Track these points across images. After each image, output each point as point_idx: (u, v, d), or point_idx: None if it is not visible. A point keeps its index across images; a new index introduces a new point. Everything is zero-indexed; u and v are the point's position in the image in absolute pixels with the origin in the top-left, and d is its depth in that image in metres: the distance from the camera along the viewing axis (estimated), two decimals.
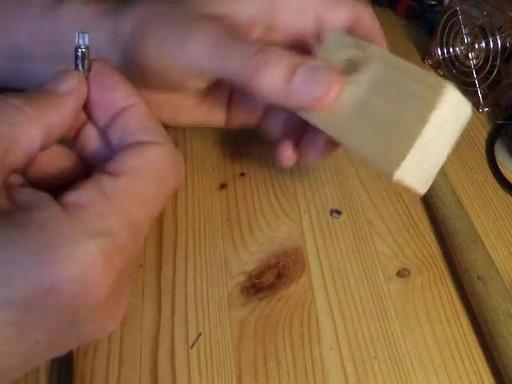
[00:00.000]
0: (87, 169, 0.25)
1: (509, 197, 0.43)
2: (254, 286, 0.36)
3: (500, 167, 0.45)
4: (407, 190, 0.25)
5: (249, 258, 0.37)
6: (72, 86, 0.23)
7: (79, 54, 0.24)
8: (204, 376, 0.31)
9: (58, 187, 0.24)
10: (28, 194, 0.20)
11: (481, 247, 0.36)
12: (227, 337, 0.33)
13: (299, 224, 0.40)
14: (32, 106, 0.21)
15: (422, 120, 0.23)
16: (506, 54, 0.48)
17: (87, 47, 0.24)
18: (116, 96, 0.24)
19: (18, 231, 0.18)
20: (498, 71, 0.49)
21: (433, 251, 0.39)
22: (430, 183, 0.26)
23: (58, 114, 0.22)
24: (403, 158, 0.23)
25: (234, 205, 0.41)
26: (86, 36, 0.24)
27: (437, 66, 0.56)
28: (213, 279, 0.36)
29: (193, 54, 0.29)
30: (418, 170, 0.24)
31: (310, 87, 0.27)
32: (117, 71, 0.25)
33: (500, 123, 0.49)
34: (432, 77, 0.23)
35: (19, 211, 0.19)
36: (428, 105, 0.23)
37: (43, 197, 0.20)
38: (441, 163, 0.25)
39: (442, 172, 0.42)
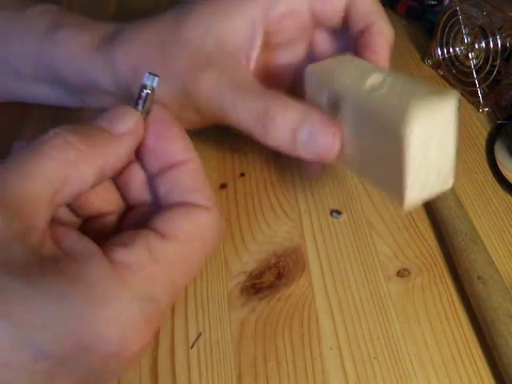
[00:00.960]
0: (125, 204, 0.25)
1: (509, 197, 0.43)
2: (253, 286, 0.36)
3: (500, 167, 0.45)
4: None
5: (249, 258, 0.37)
6: (130, 126, 0.22)
7: (143, 94, 0.23)
8: (204, 376, 0.31)
9: (92, 214, 0.24)
10: (74, 241, 0.20)
11: (481, 247, 0.36)
12: (227, 337, 0.33)
13: (299, 224, 0.40)
14: (87, 144, 0.20)
15: (400, 153, 0.22)
16: (506, 54, 0.48)
17: (153, 89, 0.23)
18: (172, 148, 0.23)
19: (68, 286, 0.18)
20: (498, 71, 0.49)
21: (433, 251, 0.39)
22: (451, 176, 0.25)
23: (113, 155, 0.22)
24: (403, 191, 0.23)
25: (233, 205, 0.41)
26: (156, 79, 0.23)
27: (437, 66, 0.56)
28: (213, 279, 0.36)
29: (197, 103, 0.31)
30: (426, 184, 0.24)
31: (313, 148, 0.28)
32: (177, 122, 0.24)
33: (500, 123, 0.49)
34: (399, 106, 0.22)
35: (69, 262, 0.18)
36: (400, 139, 0.22)
37: (92, 251, 0.19)
38: (452, 157, 0.24)
39: None
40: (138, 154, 0.24)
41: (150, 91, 0.23)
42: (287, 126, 0.28)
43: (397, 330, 0.34)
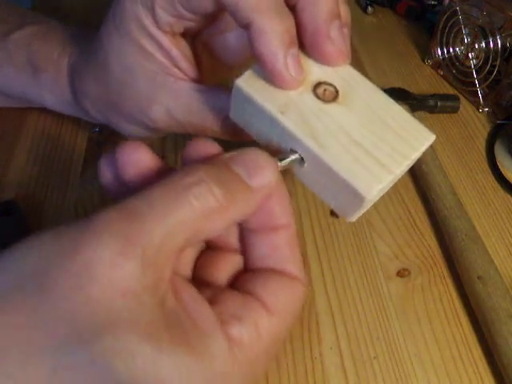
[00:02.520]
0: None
1: (509, 197, 0.43)
2: None
3: (500, 167, 0.45)
4: (407, 189, 0.25)
5: None
6: (267, 182, 0.21)
7: (292, 158, 0.22)
8: None
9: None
10: (192, 298, 0.19)
11: (481, 247, 0.36)
12: None
13: (299, 224, 0.40)
14: (228, 198, 0.19)
15: (357, 203, 0.22)
16: (506, 54, 0.48)
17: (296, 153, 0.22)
18: (279, 210, 0.22)
19: (195, 361, 0.17)
20: (498, 71, 0.49)
21: (433, 251, 0.39)
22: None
23: (245, 210, 0.20)
24: (354, 214, 0.23)
25: None
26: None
27: (437, 66, 0.56)
28: None
29: (163, 132, 0.34)
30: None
31: None
32: (285, 185, 0.23)
33: (500, 123, 0.49)
34: (348, 181, 0.21)
35: (193, 329, 0.18)
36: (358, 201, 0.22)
37: (213, 321, 0.19)
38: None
39: (442, 172, 0.42)
40: None
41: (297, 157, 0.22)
42: None
43: (397, 330, 0.34)
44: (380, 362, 0.32)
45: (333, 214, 0.41)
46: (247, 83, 0.23)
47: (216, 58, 0.34)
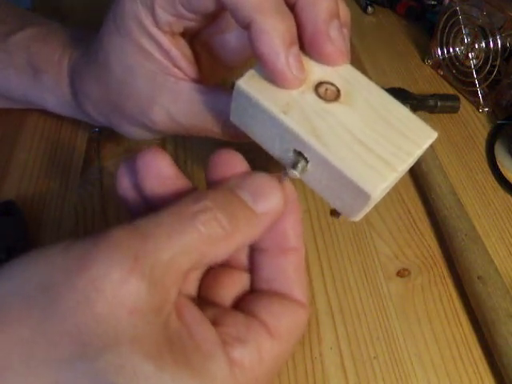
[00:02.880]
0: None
1: (509, 197, 0.43)
2: None
3: (500, 167, 0.45)
4: (407, 189, 0.25)
5: None
6: (273, 207, 0.21)
7: (295, 173, 0.22)
8: None
9: None
10: (195, 319, 0.19)
11: (481, 247, 0.36)
12: None
13: None
14: (233, 224, 0.19)
15: (361, 202, 0.22)
16: (506, 54, 0.48)
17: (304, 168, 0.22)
18: (292, 233, 0.22)
19: (193, 380, 0.17)
20: (498, 71, 0.49)
21: (433, 251, 0.39)
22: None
23: (251, 235, 0.21)
24: (357, 213, 0.23)
25: None
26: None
27: (437, 66, 0.56)
28: None
29: (163, 133, 0.34)
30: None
31: None
32: (299, 208, 0.23)
33: (500, 123, 0.49)
34: (352, 179, 0.21)
35: (195, 351, 0.18)
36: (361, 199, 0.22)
37: (215, 343, 0.19)
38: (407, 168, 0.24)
39: (442, 172, 0.42)
40: None
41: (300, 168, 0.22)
42: None
43: (397, 330, 0.34)
44: (380, 361, 0.32)
45: (333, 213, 0.41)
46: (248, 84, 0.23)
47: (215, 58, 0.34)
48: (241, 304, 0.22)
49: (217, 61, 0.34)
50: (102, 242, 0.17)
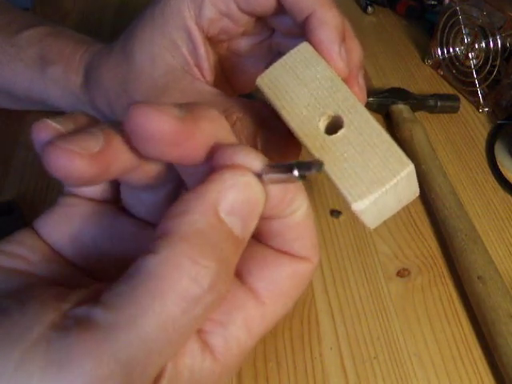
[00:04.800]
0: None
1: (509, 197, 0.43)
2: None
3: (500, 167, 0.45)
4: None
5: None
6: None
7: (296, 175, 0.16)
8: None
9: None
10: None
11: (481, 247, 0.36)
12: None
13: None
14: (214, 280, 0.15)
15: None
16: (506, 54, 0.48)
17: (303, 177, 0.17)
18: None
19: None
20: (498, 71, 0.49)
21: (433, 251, 0.39)
22: (415, 191, 0.24)
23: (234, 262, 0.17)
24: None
25: None
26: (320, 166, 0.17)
27: (437, 66, 0.56)
28: None
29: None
30: (387, 212, 0.23)
31: (271, 151, 0.27)
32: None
33: (500, 123, 0.49)
34: (352, 186, 0.21)
35: None
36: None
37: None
38: (414, 191, 0.24)
39: (442, 172, 0.42)
40: None
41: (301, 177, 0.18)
42: (247, 133, 0.27)
43: (397, 330, 0.34)
44: (380, 361, 0.32)
45: (333, 213, 0.41)
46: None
47: (228, 74, 0.35)
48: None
49: (227, 77, 0.36)
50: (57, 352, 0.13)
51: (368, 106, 0.47)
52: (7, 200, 0.38)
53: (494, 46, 0.48)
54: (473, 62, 0.51)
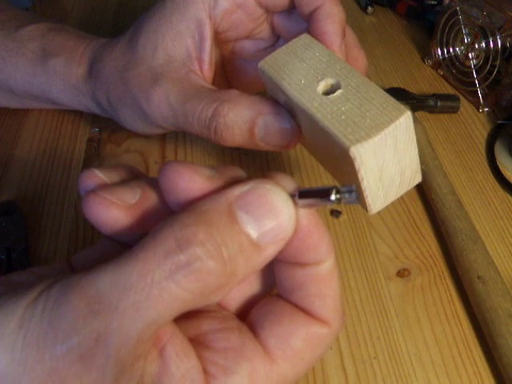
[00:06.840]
0: None
1: (509, 197, 0.43)
2: None
3: (500, 167, 0.45)
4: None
5: None
6: (281, 233, 0.17)
7: (333, 199, 0.17)
8: None
9: None
10: (179, 356, 0.16)
11: (481, 247, 0.36)
12: None
13: None
14: (226, 270, 0.16)
15: (355, 172, 0.21)
16: (506, 54, 0.48)
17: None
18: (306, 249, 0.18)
19: None
20: (498, 71, 0.49)
21: (433, 251, 0.39)
22: (418, 173, 0.24)
23: (248, 274, 0.17)
24: (366, 202, 0.22)
25: None
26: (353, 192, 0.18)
27: (437, 66, 0.56)
28: None
29: (156, 122, 0.32)
30: (391, 189, 0.22)
31: (272, 140, 0.27)
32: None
33: (500, 123, 0.49)
34: (350, 134, 0.21)
35: None
36: (352, 163, 0.21)
37: (192, 379, 0.17)
38: (415, 159, 0.23)
39: (442, 172, 0.42)
40: None
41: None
42: (241, 122, 0.27)
43: (397, 330, 0.34)
44: (380, 361, 0.32)
45: (333, 213, 0.41)
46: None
47: (227, 74, 0.35)
48: (250, 311, 0.20)
49: (228, 80, 0.36)
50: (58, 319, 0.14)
51: None
52: (7, 200, 0.38)
53: (493, 45, 0.48)
54: (473, 62, 0.51)
